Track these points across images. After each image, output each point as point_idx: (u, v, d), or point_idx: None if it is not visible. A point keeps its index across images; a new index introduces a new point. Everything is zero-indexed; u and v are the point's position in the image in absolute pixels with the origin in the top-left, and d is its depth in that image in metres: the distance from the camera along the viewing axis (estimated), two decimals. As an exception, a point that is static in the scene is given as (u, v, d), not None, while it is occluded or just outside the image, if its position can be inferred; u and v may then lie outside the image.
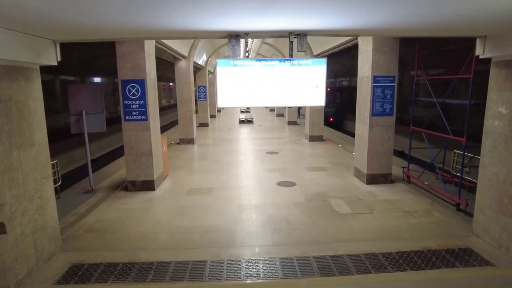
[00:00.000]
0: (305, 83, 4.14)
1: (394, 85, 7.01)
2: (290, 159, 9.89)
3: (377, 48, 6.80)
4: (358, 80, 7.58)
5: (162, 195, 6.80)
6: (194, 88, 18.01)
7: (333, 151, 11.10)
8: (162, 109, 29.39)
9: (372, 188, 7.01)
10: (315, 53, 12.20)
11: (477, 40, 4.39)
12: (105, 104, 7.32)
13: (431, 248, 4.44)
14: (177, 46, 10.57)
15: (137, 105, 6.86)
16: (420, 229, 5.02)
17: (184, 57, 12.21)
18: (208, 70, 20.85)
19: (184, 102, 12.60)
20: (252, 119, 20.98)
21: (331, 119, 23.37)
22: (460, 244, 4.53)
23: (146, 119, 6.90)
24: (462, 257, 4.22)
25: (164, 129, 21.16)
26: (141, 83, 6.80)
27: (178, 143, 12.84)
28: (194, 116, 12.88)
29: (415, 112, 7.18)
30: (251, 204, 6.15)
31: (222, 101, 4.32)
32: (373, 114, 7.03)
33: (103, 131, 7.35)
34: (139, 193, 6.92)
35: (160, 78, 26.99)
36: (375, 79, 6.92)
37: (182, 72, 12.45)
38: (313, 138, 13.02)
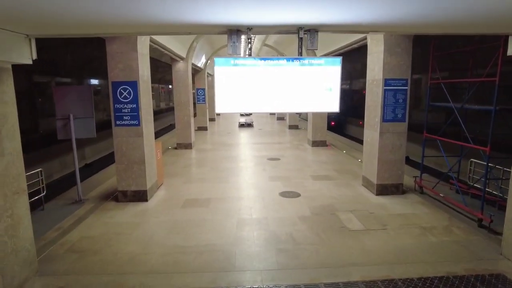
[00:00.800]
0: (316, 86, 3.61)
1: (406, 89, 6.50)
2: (293, 166, 9.36)
3: (389, 49, 6.30)
4: (367, 83, 7.07)
5: (155, 207, 6.25)
6: (193, 91, 17.55)
7: (337, 157, 10.57)
8: (161, 112, 28.94)
9: (383, 199, 6.47)
10: (318, 55, 11.71)
11: (510, 38, 3.89)
12: (104, 107, 6.79)
13: (457, 273, 3.90)
14: (174, 46, 10.07)
15: (129, 109, 6.34)
16: (442, 249, 4.48)
17: (182, 58, 11.71)
18: (208, 73, 20.37)
19: (182, 105, 12.07)
20: (252, 122, 20.46)
21: (333, 123, 22.89)
22: (490, 269, 3.99)
23: (138, 124, 6.37)
24: (495, 285, 3.68)
25: (163, 132, 20.71)
26: (134, 85, 6.27)
27: (175, 148, 12.31)
28: (192, 120, 12.35)
29: (419, 117, 6.66)
30: (252, 219, 5.61)
31: (220, 106, 3.77)
32: (384, 120, 6.51)
33: (93, 136, 6.81)
34: (130, 205, 6.38)
35: (159, 80, 26.52)
36: (386, 82, 6.41)
37: (180, 74, 11.94)
38: (316, 144, 12.50)
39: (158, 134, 20.05)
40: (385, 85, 6.42)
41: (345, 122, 24.32)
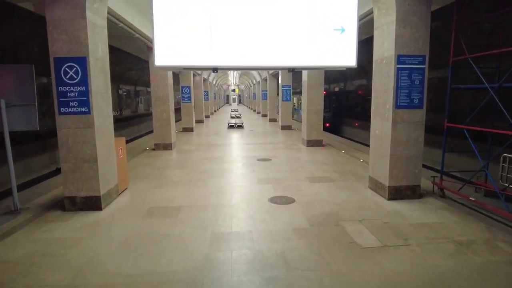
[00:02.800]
0: (321, 25, 2.35)
1: (424, 68, 5.28)
2: (286, 167, 8.05)
3: (402, 18, 5.09)
4: (374, 64, 5.84)
5: (109, 218, 4.86)
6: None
7: (336, 157, 9.30)
8: (147, 115, 27.42)
9: (397, 205, 5.20)
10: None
11: None
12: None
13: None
14: (146, 27, 8.76)
15: (76, 93, 4.97)
16: (495, 275, 3.20)
17: (160, 47, 10.39)
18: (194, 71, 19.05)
19: (159, 100, 10.72)
20: (242, 124, 19.17)
21: (328, 125, 21.73)
22: None
23: (88, 112, 5.01)
24: None
25: (144, 136, 19.29)
26: (82, 62, 4.92)
27: (153, 149, 10.90)
28: (172, 117, 10.99)
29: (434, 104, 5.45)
30: (231, 233, 4.25)
31: (162, 54, 2.44)
32: (397, 106, 5.27)
33: (35, 128, 5.40)
34: (78, 215, 4.98)
35: (145, 83, 25.07)
36: (399, 59, 5.19)
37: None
38: (311, 143, 11.23)
39: (135, 139, 18.65)
40: (398, 63, 5.19)
41: (341, 124, 23.21)
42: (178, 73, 16.41)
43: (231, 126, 18.76)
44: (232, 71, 30.72)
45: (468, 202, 5.16)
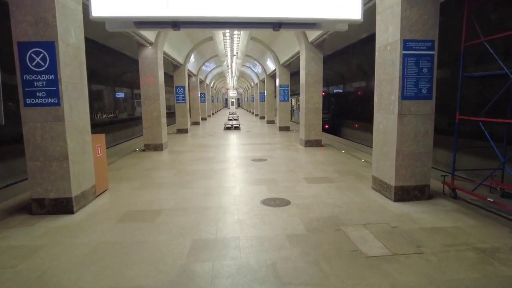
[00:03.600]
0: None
1: (433, 54, 4.75)
2: (282, 168, 7.48)
3: (409, -2, 4.57)
4: (377, 52, 5.32)
5: (80, 223, 4.27)
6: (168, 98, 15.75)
7: (336, 157, 8.74)
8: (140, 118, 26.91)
9: (405, 207, 4.63)
10: (310, 40, 10.03)
11: None
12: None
13: None
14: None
15: (44, 82, 4.42)
16: (531, 291, 2.63)
17: (149, 43, 9.88)
18: (188, 70, 18.57)
19: (149, 99, 10.17)
20: (239, 125, 18.62)
21: (327, 126, 21.21)
22: None
23: (58, 103, 4.45)
24: None
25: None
26: (50, 47, 4.38)
27: (143, 150, 10.33)
28: (163, 116, 10.44)
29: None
30: (215, 239, 3.67)
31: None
32: (403, 97, 4.73)
33: (0, 124, 4.83)
34: (46, 219, 4.40)
35: (134, 85, 24.56)
36: (405, 44, 4.65)
37: (148, 62, 10.09)
38: (309, 143, 10.67)
39: (130, 140, 18.04)
40: (404, 48, 4.66)
41: (340, 125, 22.69)
42: (171, 74, 15.91)
43: (227, 128, 18.22)
44: (229, 73, 30.29)
45: (484, 204, 4.60)
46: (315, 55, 10.37)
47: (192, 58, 17.72)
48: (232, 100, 52.99)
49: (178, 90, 15.79)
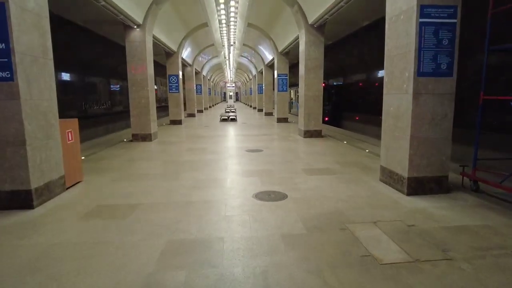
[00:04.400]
0: None
1: (455, 23, 4.06)
2: (279, 159, 6.82)
3: (428, -45, 3.86)
4: (387, 23, 4.62)
5: (37, 219, 3.61)
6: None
7: (337, 148, 8.08)
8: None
9: (421, 202, 3.98)
10: (310, 22, 9.30)
11: None
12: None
13: None
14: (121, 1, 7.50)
15: (-6, 53, 3.72)
16: None
17: (137, 24, 9.13)
18: (183, 59, 17.80)
19: (137, 85, 9.46)
20: (236, 117, 17.91)
21: (327, 118, 20.55)
22: None
23: (11, 78, 3.75)
24: None
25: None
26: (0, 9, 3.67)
27: (131, 141, 9.64)
28: (152, 103, 9.73)
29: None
30: (193, 240, 3.01)
31: None
32: (419, 73, 4.05)
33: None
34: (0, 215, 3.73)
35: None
36: (423, 11, 3.96)
37: (135, 45, 9.34)
38: (309, 134, 10.00)
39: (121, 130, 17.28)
40: (421, 16, 3.96)
41: (340, 118, 22.01)
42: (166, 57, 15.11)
43: (223, 119, 17.53)
44: (227, 65, 29.45)
45: (513, 198, 3.96)
46: (316, 38, 9.64)
47: (186, 46, 16.94)
48: (231, 93, 52.10)
49: (171, 79, 15.05)
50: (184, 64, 19.96)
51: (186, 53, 18.15)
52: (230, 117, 17.63)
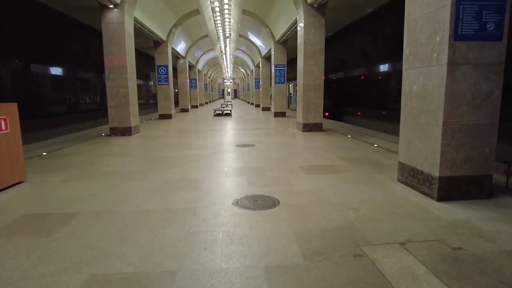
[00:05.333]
0: None
1: (506, -32, 3.01)
2: (273, 154, 5.79)
3: None
4: (409, -23, 3.57)
5: None
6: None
7: (341, 143, 7.04)
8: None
9: (459, 210, 2.94)
10: (310, 1, 8.23)
11: None
12: None
13: None
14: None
15: None
16: None
17: (114, 3, 8.06)
18: (175, 50, 16.73)
19: (115, 72, 8.39)
20: (230, 111, 16.85)
21: (327, 114, 19.50)
22: None
23: None
24: None
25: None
26: None
27: (109, 135, 8.60)
28: (132, 93, 8.66)
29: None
30: (130, 277, 1.97)
31: None
32: (457, 36, 3.00)
33: None
34: None
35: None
36: (463, -49, 2.91)
37: (113, 28, 8.27)
38: (308, 128, 8.96)
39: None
40: (461, -42, 2.91)
41: (340, 113, 20.96)
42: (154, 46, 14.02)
43: (217, 114, 16.47)
44: (224, 60, 28.31)
45: None
46: (316, 20, 8.57)
47: (177, 36, 15.84)
48: (228, 90, 51.00)
49: (160, 70, 13.98)
50: (177, 56, 18.88)
51: (178, 44, 17.07)
52: (225, 112, 16.58)
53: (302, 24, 8.70)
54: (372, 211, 2.94)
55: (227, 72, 41.46)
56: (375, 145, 6.50)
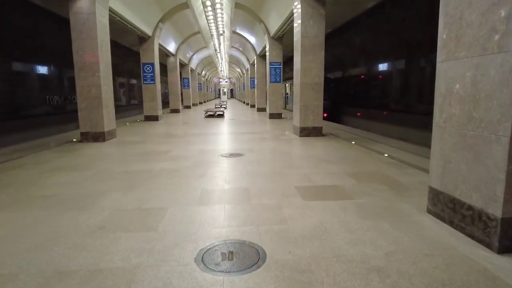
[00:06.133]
0: None
1: None
2: (264, 168, 4.75)
3: None
4: None
5: None
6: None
7: (345, 151, 6.01)
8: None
9: (538, 273, 1.92)
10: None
11: None
12: None
13: None
14: None
15: None
16: None
17: (82, -11, 6.98)
18: (163, 48, 15.66)
19: (85, 70, 7.31)
20: (223, 112, 15.80)
21: (325, 115, 18.50)
22: None
23: None
24: None
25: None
26: None
27: (81, 141, 7.52)
28: (105, 92, 7.59)
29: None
30: None
31: None
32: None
33: None
34: None
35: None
36: None
37: (82, 19, 7.19)
38: (306, 132, 7.93)
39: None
40: None
41: (339, 114, 19.98)
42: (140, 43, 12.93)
43: (209, 115, 15.42)
44: (219, 59, 27.20)
45: None
46: (314, 10, 7.54)
47: (166, 32, 14.77)
48: (224, 89, 49.80)
49: (146, 68, 12.90)
50: (166, 54, 17.81)
51: (167, 41, 15.99)
52: (217, 113, 15.53)
53: (299, 15, 7.67)
54: (407, 275, 1.91)
55: (223, 71, 40.35)
56: (385, 154, 5.49)
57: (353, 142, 6.89)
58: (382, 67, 15.48)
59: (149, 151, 6.27)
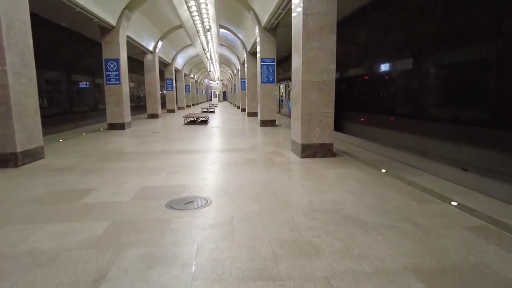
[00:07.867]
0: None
1: None
2: (241, 238, 2.41)
3: None
4: None
5: None
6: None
7: (378, 191, 3.69)
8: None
9: None
10: None
11: None
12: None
13: None
14: None
15: None
16: None
17: None
18: (138, 43, 13.27)
19: (-19, 61, 4.91)
20: (207, 118, 13.44)
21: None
22: None
23: None
24: None
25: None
26: None
27: (-19, 167, 5.09)
28: (16, 96, 5.18)
29: None
30: None
31: None
32: None
33: None
34: None
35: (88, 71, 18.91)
36: None
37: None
38: (310, 151, 5.59)
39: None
40: None
41: (340, 119, 17.72)
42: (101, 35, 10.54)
43: (190, 122, 13.06)
44: (208, 59, 24.77)
45: None
46: (322, -22, 5.26)
47: (139, 25, 12.39)
48: (215, 91, 47.23)
49: (109, 66, 10.49)
50: (143, 51, 15.42)
51: (141, 35, 13.61)
52: (200, 119, 13.18)
53: (299, -14, 5.37)
54: None
55: (213, 72, 37.90)
56: (454, 203, 3.19)
57: (383, 171, 4.58)
58: (397, 67, 13.27)
59: (62, 190, 3.88)
